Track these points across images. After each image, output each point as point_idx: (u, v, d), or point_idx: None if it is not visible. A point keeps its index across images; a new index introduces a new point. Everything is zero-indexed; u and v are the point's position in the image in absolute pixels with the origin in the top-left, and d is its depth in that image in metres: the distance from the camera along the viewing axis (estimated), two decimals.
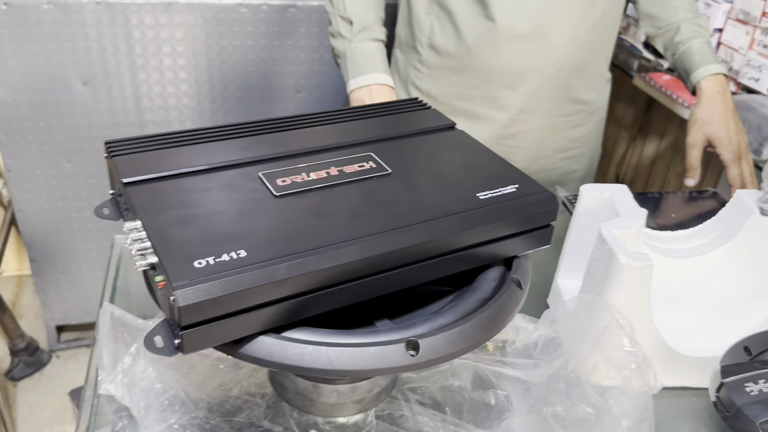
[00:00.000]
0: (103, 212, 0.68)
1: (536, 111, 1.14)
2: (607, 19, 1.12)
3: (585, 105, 1.20)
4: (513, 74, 1.09)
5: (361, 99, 1.04)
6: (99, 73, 1.82)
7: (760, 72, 1.52)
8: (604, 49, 1.17)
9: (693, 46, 1.16)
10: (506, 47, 1.06)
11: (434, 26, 1.09)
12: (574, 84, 1.14)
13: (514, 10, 1.04)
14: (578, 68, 1.12)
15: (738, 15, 1.60)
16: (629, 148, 2.33)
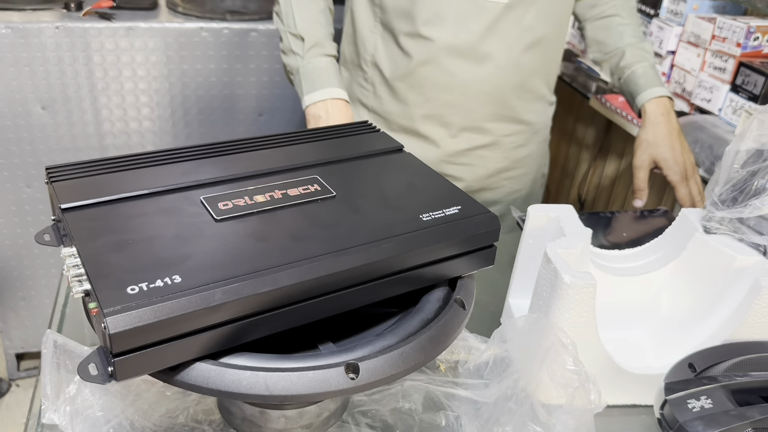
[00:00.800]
0: (44, 238, 0.68)
1: (478, 130, 1.16)
2: (546, 43, 1.14)
3: (527, 126, 1.22)
4: (453, 93, 1.10)
5: (317, 114, 1.05)
6: (58, 97, 1.81)
7: (712, 93, 1.57)
8: (544, 72, 1.18)
9: (638, 70, 1.19)
10: (445, 66, 1.08)
11: (378, 45, 1.10)
12: (514, 104, 1.16)
13: (452, 29, 1.05)
14: (517, 89, 1.14)
15: (689, 38, 1.64)
16: (590, 168, 2.37)
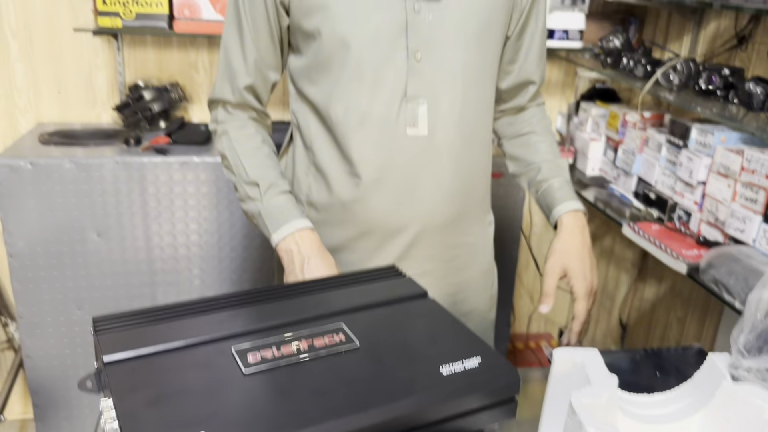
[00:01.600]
0: (86, 385, 0.72)
1: (417, 258, 1.17)
2: (476, 167, 1.17)
3: (467, 247, 1.23)
4: (388, 227, 1.12)
5: (288, 248, 1.06)
6: (113, 224, 1.92)
7: (745, 223, 1.57)
8: (477, 195, 1.20)
9: (554, 184, 1.21)
10: (376, 202, 1.10)
11: (311, 185, 1.15)
12: (450, 231, 1.18)
13: (380, 167, 1.08)
14: (452, 217, 1.16)
15: (719, 169, 1.67)
16: (630, 291, 2.35)
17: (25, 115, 2.21)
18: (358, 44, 1.01)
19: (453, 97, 1.07)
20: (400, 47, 1.02)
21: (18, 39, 2.12)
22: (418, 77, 1.04)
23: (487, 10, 1.07)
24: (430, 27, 1.03)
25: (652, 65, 1.88)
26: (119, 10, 1.88)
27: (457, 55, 1.05)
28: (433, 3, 1.02)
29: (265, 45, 1.09)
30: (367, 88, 1.04)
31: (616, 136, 2.15)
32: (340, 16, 1.00)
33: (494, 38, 1.10)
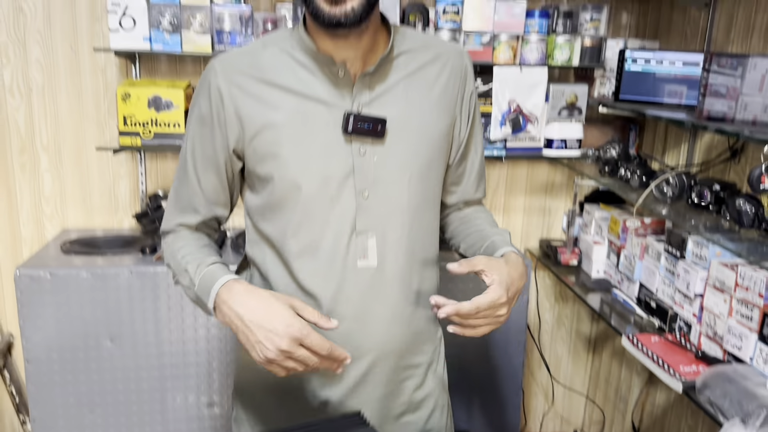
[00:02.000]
0: None
1: (373, 383, 1.18)
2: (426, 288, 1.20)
3: (421, 367, 1.25)
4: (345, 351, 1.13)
5: (220, 308, 1.04)
6: (126, 331, 1.99)
7: (741, 340, 1.57)
8: (428, 315, 1.23)
9: (496, 240, 1.20)
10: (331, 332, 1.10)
11: None
12: (404, 353, 1.20)
13: (333, 299, 1.12)
14: (406, 341, 1.19)
15: (715, 283, 1.69)
16: (642, 394, 2.31)
17: (52, 222, 2.34)
18: (309, 187, 1.08)
19: (400, 228, 1.13)
20: (348, 187, 1.09)
21: (48, 152, 2.27)
22: (366, 213, 1.11)
23: (428, 148, 1.14)
24: (375, 167, 1.10)
25: (647, 176, 1.93)
26: (139, 131, 2.02)
27: (402, 191, 1.12)
28: (378, 146, 1.10)
29: (213, 186, 1.14)
30: (318, 224, 1.10)
31: (618, 241, 2.18)
32: (292, 163, 1.08)
33: (436, 171, 1.18)
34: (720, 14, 1.98)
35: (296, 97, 1.07)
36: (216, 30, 2.05)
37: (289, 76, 1.08)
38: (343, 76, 1.07)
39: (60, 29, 2.18)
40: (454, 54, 1.18)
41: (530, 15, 2.10)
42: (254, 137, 1.08)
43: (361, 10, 0.99)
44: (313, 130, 1.07)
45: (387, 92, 1.10)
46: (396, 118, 1.10)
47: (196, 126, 1.13)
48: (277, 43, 1.10)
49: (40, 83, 2.21)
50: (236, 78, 1.08)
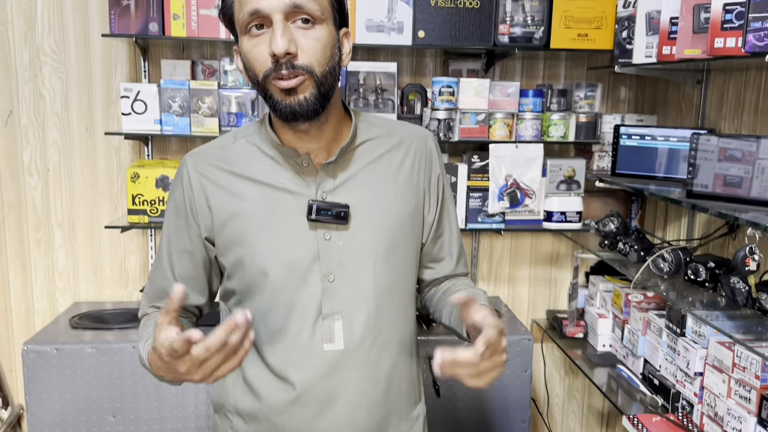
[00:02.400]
0: None
1: None
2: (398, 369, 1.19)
3: None
4: None
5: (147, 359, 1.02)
6: (128, 406, 2.01)
7: (741, 423, 1.53)
8: (401, 395, 1.21)
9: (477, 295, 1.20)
10: (301, 415, 1.13)
11: (238, 395, 1.19)
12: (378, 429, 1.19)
13: (301, 381, 1.13)
14: (377, 423, 1.18)
15: (713, 362, 1.66)
16: None
17: (64, 295, 2.40)
18: (275, 273, 1.11)
19: (367, 311, 1.14)
20: (314, 272, 1.12)
21: (62, 228, 2.36)
22: (332, 297, 1.13)
23: (393, 232, 1.16)
24: (340, 252, 1.13)
25: (645, 251, 1.93)
26: (146, 209, 2.09)
27: (368, 274, 1.14)
28: (342, 231, 1.13)
29: (187, 274, 1.18)
30: (284, 309, 1.12)
31: (621, 314, 2.16)
32: (259, 249, 1.11)
33: (403, 253, 1.19)
34: (712, 91, 2.01)
35: (263, 187, 1.12)
36: (223, 112, 2.14)
37: (257, 168, 1.13)
38: (307, 166, 1.12)
39: (77, 112, 2.30)
40: (417, 138, 1.22)
41: (524, 94, 2.15)
42: (224, 225, 1.13)
43: (313, 100, 1.04)
44: (280, 217, 1.11)
45: (350, 179, 1.14)
46: (359, 204, 1.13)
47: (172, 217, 1.18)
48: (246, 137, 1.16)
49: (56, 163, 2.32)
50: (206, 170, 1.14)
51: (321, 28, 1.04)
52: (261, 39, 1.02)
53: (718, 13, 1.52)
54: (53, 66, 2.26)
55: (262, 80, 1.04)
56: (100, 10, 2.23)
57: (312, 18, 1.02)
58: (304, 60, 1.02)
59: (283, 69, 1.01)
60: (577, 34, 2.10)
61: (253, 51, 1.03)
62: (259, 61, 1.02)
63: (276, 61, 1.00)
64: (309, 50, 1.02)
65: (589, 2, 2.09)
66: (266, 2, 1.00)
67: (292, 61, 1.01)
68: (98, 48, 2.27)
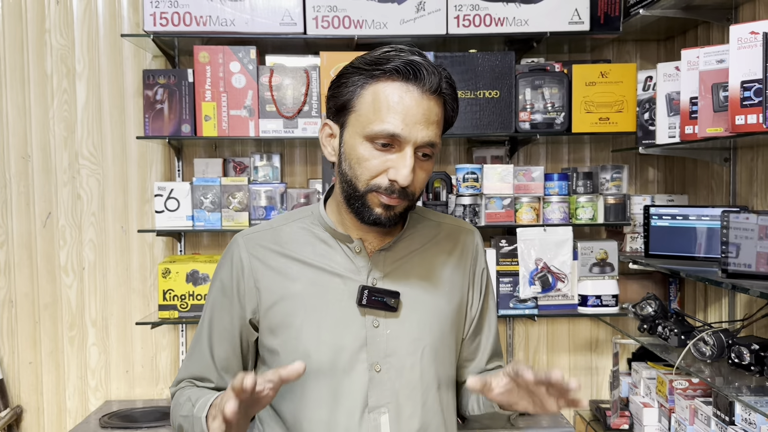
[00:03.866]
0: None
1: None
2: None
3: None
4: None
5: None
6: None
7: None
8: None
9: None
10: None
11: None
12: None
13: None
14: None
15: None
16: None
17: (96, 394, 2.40)
18: (319, 360, 1.08)
19: (413, 404, 1.11)
20: (361, 360, 1.09)
21: (96, 326, 2.38)
22: (378, 388, 1.09)
23: (441, 323, 1.15)
24: (387, 340, 1.10)
25: (685, 334, 1.85)
26: (176, 304, 2.11)
27: (415, 365, 1.11)
28: (392, 318, 1.11)
29: (226, 355, 1.16)
30: (329, 400, 1.09)
31: (667, 403, 2.05)
32: (305, 333, 1.10)
33: (449, 346, 1.17)
34: (741, 168, 1.99)
35: (313, 270, 1.12)
36: (253, 206, 2.19)
37: (308, 250, 1.13)
38: (360, 251, 1.12)
39: (112, 212, 2.37)
40: (464, 232, 1.24)
41: (549, 178, 2.16)
42: (270, 308, 1.12)
43: (402, 213, 1.09)
44: (328, 302, 1.10)
45: (401, 267, 1.14)
46: (409, 293, 1.12)
47: (217, 295, 1.17)
48: (298, 220, 1.17)
49: (92, 261, 2.37)
50: (257, 251, 1.14)
51: (432, 160, 1.09)
52: (385, 157, 1.04)
53: (736, 91, 1.53)
54: (91, 168, 2.36)
55: (365, 190, 1.05)
56: (136, 114, 2.35)
57: (432, 153, 1.07)
58: (413, 189, 1.06)
59: (395, 194, 1.04)
60: (598, 118, 2.12)
61: (370, 161, 1.04)
62: (371, 172, 1.05)
63: (391, 185, 1.04)
64: (419, 182, 1.07)
65: (609, 87, 2.12)
66: (408, 131, 1.02)
67: (405, 190, 1.04)
68: (134, 150, 2.37)
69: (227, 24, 2.07)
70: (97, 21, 2.35)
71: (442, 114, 1.07)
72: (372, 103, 1.03)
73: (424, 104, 1.02)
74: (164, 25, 2.06)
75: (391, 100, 1.02)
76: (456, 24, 2.11)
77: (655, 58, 2.40)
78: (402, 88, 1.02)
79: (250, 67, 2.10)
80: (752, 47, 1.49)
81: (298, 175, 2.42)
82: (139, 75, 2.29)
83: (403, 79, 1.02)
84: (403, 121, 1.01)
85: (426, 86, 1.02)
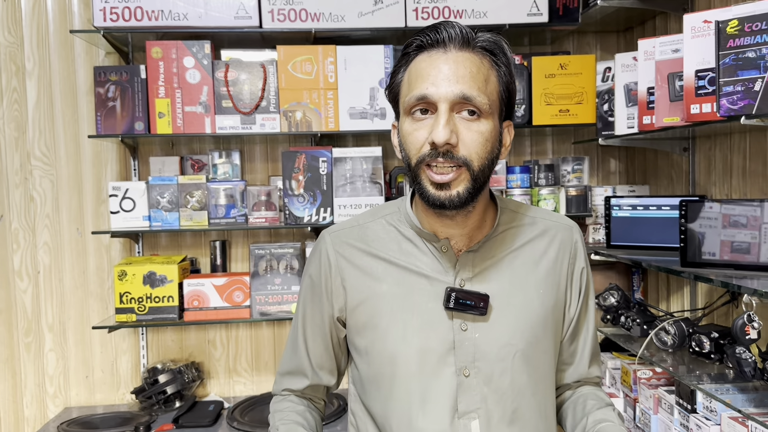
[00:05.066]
0: None
1: None
2: None
3: None
4: None
5: None
6: None
7: None
8: None
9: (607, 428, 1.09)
10: None
11: None
12: None
13: None
14: None
15: None
16: None
17: (54, 401, 2.33)
18: (406, 362, 1.05)
19: (504, 410, 1.06)
20: (448, 364, 1.05)
21: (53, 331, 2.31)
22: (468, 393, 1.05)
23: (534, 326, 1.08)
24: (476, 344, 1.06)
25: (647, 324, 1.85)
26: (134, 307, 2.06)
27: (505, 371, 1.06)
28: (480, 323, 1.06)
29: (319, 352, 1.16)
30: (418, 404, 1.05)
31: (632, 393, 2.06)
32: (390, 335, 1.06)
33: (544, 351, 1.11)
34: (699, 158, 2.00)
35: (399, 270, 1.08)
36: (212, 205, 2.14)
37: (394, 249, 1.09)
38: (447, 251, 1.07)
39: (67, 213, 2.31)
40: (562, 228, 1.15)
41: (511, 171, 2.15)
42: (357, 307, 1.09)
43: (466, 194, 1.00)
44: (414, 303, 1.06)
45: (490, 268, 1.09)
46: (499, 295, 1.07)
47: (307, 291, 1.16)
48: (385, 216, 1.13)
49: (47, 265, 2.31)
50: (344, 249, 1.11)
51: (486, 122, 1.00)
52: (423, 124, 1.00)
53: (691, 80, 1.53)
54: (44, 169, 2.29)
55: (416, 166, 1.00)
56: (89, 113, 2.28)
57: (478, 111, 0.99)
58: (464, 152, 0.98)
59: (440, 157, 0.97)
60: (558, 110, 2.12)
61: (412, 134, 1.00)
62: (416, 145, 1.00)
63: (434, 149, 0.97)
64: (470, 143, 0.99)
65: (568, 79, 2.11)
66: (435, 89, 0.98)
67: (452, 152, 0.98)
68: (88, 149, 2.30)
69: (180, 18, 2.02)
70: (47, 17, 2.27)
71: (483, 66, 1.00)
72: (407, 82, 1.02)
73: (451, 61, 0.98)
74: (114, 21, 2.01)
75: (419, 70, 1.00)
76: (415, 17, 2.08)
77: (615, 49, 2.41)
78: (428, 57, 1.00)
79: (204, 62, 2.05)
80: (705, 36, 1.49)
81: (258, 173, 2.38)
82: (92, 72, 2.23)
83: (428, 49, 1.00)
84: (430, 83, 0.98)
85: (450, 44, 0.99)
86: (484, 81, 1.00)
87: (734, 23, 1.37)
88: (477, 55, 1.01)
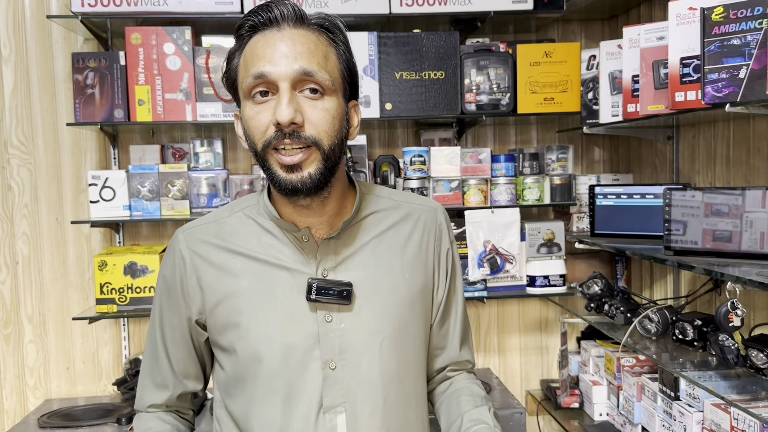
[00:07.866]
0: None
1: None
2: None
3: None
4: None
5: None
6: None
7: None
8: None
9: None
10: None
11: None
12: None
13: None
14: None
15: (711, 425, 1.57)
16: None
17: (35, 393, 2.30)
18: (270, 359, 1.02)
19: (373, 402, 1.04)
20: (314, 358, 1.02)
21: (32, 323, 2.28)
22: (333, 387, 1.03)
23: (401, 311, 1.07)
24: (342, 335, 1.03)
25: (631, 312, 1.86)
26: (115, 297, 2.03)
27: (374, 360, 1.04)
28: (345, 312, 1.04)
29: (182, 358, 1.11)
30: (281, 402, 1.02)
31: (615, 380, 2.07)
32: (253, 332, 1.02)
33: (413, 336, 1.10)
34: (683, 146, 2.00)
35: (259, 264, 1.04)
36: (194, 194, 2.11)
37: (254, 243, 1.05)
38: (308, 241, 1.04)
39: (46, 203, 2.27)
40: (426, 210, 1.14)
41: (496, 160, 2.14)
42: (215, 307, 1.05)
43: (318, 175, 0.97)
44: (276, 297, 1.03)
45: (353, 256, 1.06)
46: (363, 282, 1.04)
47: (163, 295, 1.10)
48: (244, 209, 1.09)
49: (26, 255, 2.27)
50: (199, 247, 1.06)
51: (330, 99, 0.98)
52: (265, 107, 0.96)
53: (676, 68, 1.52)
54: (21, 158, 2.25)
55: (262, 150, 0.97)
56: (68, 100, 2.24)
57: (321, 88, 0.96)
58: (312, 131, 0.95)
59: (286, 138, 0.94)
60: (543, 99, 2.11)
61: (255, 118, 0.97)
62: (260, 129, 0.96)
63: (279, 130, 0.94)
64: (317, 121, 0.96)
65: (553, 67, 2.10)
66: (273, 67, 0.94)
67: (298, 132, 0.95)
68: (67, 137, 2.26)
69: (160, 4, 1.98)
70: (23, 2, 2.22)
71: (320, 43, 0.98)
72: (243, 65, 0.98)
73: (287, 38, 0.96)
74: (93, 6, 1.96)
75: (255, 50, 0.97)
76: (399, 3, 2.06)
77: (600, 37, 2.40)
78: (262, 38, 0.97)
79: (185, 48, 2.02)
80: (690, 23, 1.49)
81: (241, 161, 2.35)
82: (70, 59, 2.18)
83: (261, 29, 0.97)
84: (267, 61, 0.95)
85: (284, 22, 0.96)
86: (324, 57, 0.97)
87: (719, 10, 1.36)
88: (313, 32, 0.98)
